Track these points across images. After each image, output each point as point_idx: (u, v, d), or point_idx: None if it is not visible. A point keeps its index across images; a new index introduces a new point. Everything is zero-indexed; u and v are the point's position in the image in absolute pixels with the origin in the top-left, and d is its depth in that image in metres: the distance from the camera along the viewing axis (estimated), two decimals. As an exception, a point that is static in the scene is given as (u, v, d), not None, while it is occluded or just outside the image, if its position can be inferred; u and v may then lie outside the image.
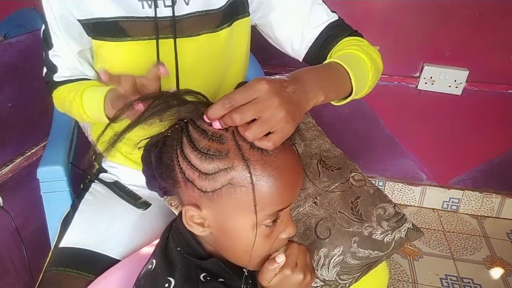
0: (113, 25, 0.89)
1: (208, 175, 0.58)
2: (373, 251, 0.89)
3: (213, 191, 0.59)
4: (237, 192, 0.59)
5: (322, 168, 0.95)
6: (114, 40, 0.91)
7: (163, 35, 0.90)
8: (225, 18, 0.94)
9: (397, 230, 0.90)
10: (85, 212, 1.01)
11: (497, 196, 2.01)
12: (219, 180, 0.58)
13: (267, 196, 0.59)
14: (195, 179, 0.60)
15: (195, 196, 0.61)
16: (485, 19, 1.64)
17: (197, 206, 0.62)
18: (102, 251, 0.94)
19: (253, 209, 0.59)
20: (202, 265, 0.66)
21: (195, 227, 0.63)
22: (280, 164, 0.60)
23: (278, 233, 0.66)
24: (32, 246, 1.36)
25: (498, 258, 1.82)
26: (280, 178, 0.60)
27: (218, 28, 0.94)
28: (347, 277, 0.89)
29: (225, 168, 0.58)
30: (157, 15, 0.89)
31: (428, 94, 1.81)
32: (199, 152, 0.58)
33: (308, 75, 0.69)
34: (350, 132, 1.97)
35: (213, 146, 0.58)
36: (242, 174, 0.58)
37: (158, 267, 0.68)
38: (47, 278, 0.91)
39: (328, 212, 0.91)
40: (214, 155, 0.58)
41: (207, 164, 0.58)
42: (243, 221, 0.61)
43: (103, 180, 1.09)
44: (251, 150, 0.58)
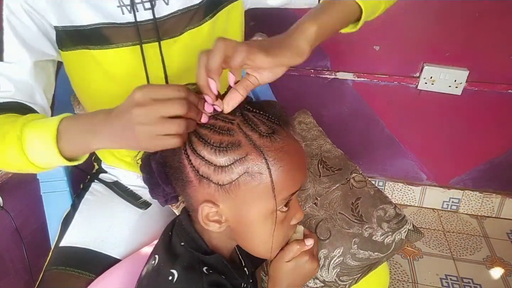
0: (95, 33, 0.86)
1: (224, 167, 0.60)
2: (373, 252, 0.89)
3: (230, 183, 0.61)
4: (254, 180, 0.61)
5: (323, 169, 0.95)
6: (98, 48, 0.87)
7: (147, 39, 0.88)
8: (207, 11, 0.92)
9: (397, 232, 0.90)
10: (85, 212, 1.01)
11: (497, 196, 2.01)
12: (235, 170, 0.60)
13: (281, 180, 0.62)
14: (210, 174, 0.61)
15: (211, 192, 0.62)
16: (485, 19, 1.63)
17: (213, 202, 0.63)
18: (103, 251, 0.94)
19: (270, 194, 0.61)
20: (205, 260, 0.67)
21: (212, 224, 0.64)
22: (289, 149, 0.63)
23: (289, 220, 0.68)
24: (32, 246, 1.36)
25: (498, 258, 1.82)
26: (291, 162, 0.63)
27: (200, 22, 0.92)
28: (347, 278, 0.89)
29: (240, 158, 0.60)
30: (138, 20, 0.86)
31: (428, 94, 1.81)
32: (212, 147, 0.60)
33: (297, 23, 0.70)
34: (350, 132, 1.97)
35: (224, 139, 0.60)
36: (257, 161, 0.60)
37: (161, 261, 0.69)
38: (48, 277, 0.91)
39: (329, 213, 0.91)
40: (227, 147, 0.60)
41: (222, 156, 0.60)
42: (261, 208, 0.63)
43: (103, 180, 1.09)
44: (260, 139, 0.61)
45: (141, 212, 1.03)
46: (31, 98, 0.85)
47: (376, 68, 1.80)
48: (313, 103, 1.90)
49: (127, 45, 0.87)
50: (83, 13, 0.84)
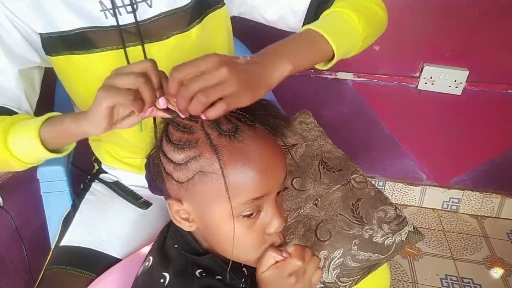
0: (80, 37, 0.85)
1: (181, 165, 0.61)
2: (373, 254, 0.89)
3: (188, 181, 0.61)
4: (208, 179, 0.60)
5: (323, 170, 0.95)
6: (83, 53, 0.86)
7: (131, 43, 0.87)
8: (194, 14, 0.90)
9: (397, 233, 0.90)
10: (85, 212, 1.02)
11: (497, 196, 2.01)
12: (191, 168, 0.60)
13: (238, 183, 0.59)
14: (172, 171, 0.62)
15: (175, 190, 0.64)
16: (485, 19, 1.63)
17: (179, 200, 0.64)
18: (103, 250, 0.94)
19: (223, 195, 0.59)
20: (198, 261, 0.67)
21: (182, 222, 0.65)
22: (250, 149, 0.60)
23: (263, 227, 0.64)
24: (32, 246, 1.36)
25: (498, 258, 1.82)
26: (250, 164, 0.60)
27: (188, 26, 0.90)
28: (347, 279, 0.89)
29: (195, 156, 0.60)
30: (121, 23, 0.85)
31: (428, 94, 1.81)
32: (172, 144, 0.61)
33: (270, 50, 0.70)
34: (350, 132, 1.97)
35: (184, 137, 0.61)
36: (210, 161, 0.59)
37: (154, 263, 0.69)
38: (48, 276, 0.91)
39: (329, 214, 0.91)
40: (184, 145, 0.60)
41: (178, 154, 0.61)
42: (219, 210, 0.61)
43: (104, 180, 1.09)
44: (219, 138, 0.59)
45: (142, 212, 1.03)
46: (18, 105, 0.87)
47: (376, 68, 1.80)
48: (313, 103, 1.90)
49: (112, 48, 0.87)
50: (66, 18, 0.84)
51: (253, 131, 0.61)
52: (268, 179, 0.62)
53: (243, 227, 0.62)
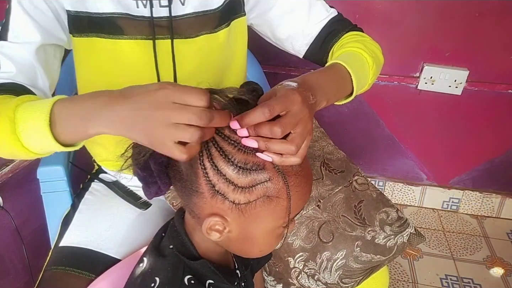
0: (109, 21, 0.85)
1: (245, 188, 0.58)
2: (376, 255, 0.89)
3: (247, 203, 0.59)
4: (272, 203, 0.60)
5: (326, 171, 0.95)
6: (111, 38, 0.86)
7: (160, 36, 0.88)
8: (223, 18, 0.92)
9: (399, 235, 0.90)
10: (85, 212, 1.01)
11: (497, 196, 2.01)
12: (255, 192, 0.58)
13: (295, 203, 0.62)
14: (228, 192, 0.59)
15: (223, 208, 0.60)
16: (485, 19, 1.63)
17: (222, 216, 0.61)
18: (103, 251, 0.93)
19: (281, 215, 0.62)
20: (191, 265, 0.66)
21: (213, 234, 0.63)
22: (305, 173, 0.62)
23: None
24: (32, 246, 1.36)
25: (498, 258, 1.82)
26: (305, 186, 0.63)
27: (216, 28, 0.92)
28: (349, 280, 0.89)
29: (263, 181, 0.58)
30: (154, 15, 0.86)
31: (428, 94, 1.81)
32: (235, 167, 0.57)
33: (315, 81, 0.70)
34: (350, 132, 1.97)
35: (249, 159, 0.57)
36: (278, 186, 0.59)
37: (148, 265, 0.69)
38: (47, 277, 0.91)
39: (331, 215, 0.91)
40: (251, 168, 0.57)
41: (244, 177, 0.58)
42: (268, 226, 0.63)
43: (103, 180, 1.08)
44: None
45: (141, 212, 1.03)
46: (32, 82, 0.82)
47: (376, 68, 1.80)
48: (313, 103, 1.89)
49: (141, 37, 0.87)
50: (98, 0, 0.83)
51: None
52: (310, 194, 0.67)
53: (278, 236, 0.66)
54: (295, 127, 0.57)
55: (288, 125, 0.56)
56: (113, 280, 0.88)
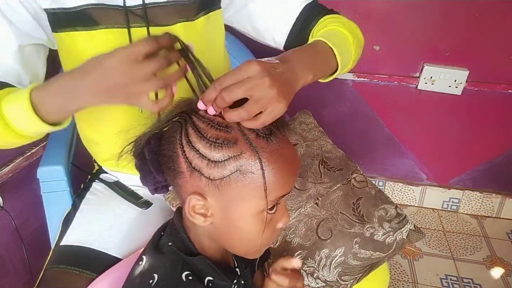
0: (83, 14, 0.85)
1: (218, 162, 0.60)
2: (375, 252, 0.89)
3: (222, 179, 0.60)
4: (246, 179, 0.60)
5: (324, 169, 0.95)
6: (86, 29, 0.86)
7: (135, 24, 0.87)
8: (200, 8, 0.93)
9: (398, 231, 0.90)
10: (86, 211, 1.01)
11: (497, 196, 2.01)
12: (228, 167, 0.60)
13: (272, 182, 0.61)
14: (203, 167, 0.61)
15: (201, 185, 0.62)
16: (485, 19, 1.63)
17: (202, 195, 0.62)
18: (104, 250, 0.94)
19: (259, 195, 0.61)
20: (189, 261, 0.66)
21: (197, 217, 0.64)
22: (283, 152, 0.62)
23: (275, 222, 0.68)
24: (32, 246, 1.36)
25: (498, 258, 1.82)
26: (284, 165, 0.62)
27: (195, 17, 0.92)
28: (348, 278, 0.89)
29: (234, 156, 0.59)
30: (127, 4, 0.86)
31: (428, 94, 1.81)
32: (207, 141, 0.60)
33: (295, 55, 0.71)
34: (350, 132, 1.97)
35: (221, 135, 0.60)
36: (251, 161, 0.60)
37: (146, 263, 0.69)
38: (48, 276, 0.91)
39: (330, 213, 0.91)
40: (223, 143, 0.60)
41: (216, 152, 0.60)
42: (248, 208, 0.63)
43: (104, 180, 1.08)
44: (257, 139, 0.61)
45: (142, 212, 1.03)
46: (15, 79, 0.85)
47: (376, 68, 1.80)
48: (313, 103, 1.89)
49: (116, 27, 0.87)
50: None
51: (281, 135, 0.64)
52: (293, 178, 0.66)
53: (263, 222, 0.65)
54: (249, 93, 0.59)
55: (236, 89, 0.59)
56: (113, 279, 0.88)
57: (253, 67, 0.60)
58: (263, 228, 0.65)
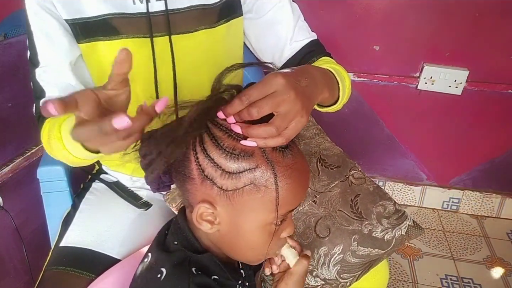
0: (104, 23, 0.85)
1: (232, 174, 0.59)
2: (374, 249, 0.89)
3: (235, 190, 0.60)
4: (259, 192, 0.60)
5: (322, 167, 0.95)
6: (107, 39, 0.86)
7: (157, 33, 0.87)
8: (222, 14, 0.92)
9: (397, 228, 0.90)
10: (85, 212, 1.01)
11: (497, 196, 2.01)
12: (243, 179, 0.59)
13: (285, 196, 0.61)
14: (216, 177, 0.60)
15: (212, 194, 0.61)
16: (485, 19, 1.64)
17: (211, 203, 0.62)
18: (103, 251, 0.93)
19: (270, 208, 0.61)
20: (196, 259, 0.66)
21: (204, 224, 0.63)
22: (298, 167, 0.62)
23: (280, 232, 0.67)
24: (32, 246, 1.36)
25: (498, 258, 1.82)
26: (297, 180, 0.62)
27: (216, 23, 0.92)
28: (347, 275, 0.89)
29: (250, 168, 0.59)
30: (150, 10, 0.85)
31: (428, 94, 1.81)
32: (223, 151, 0.59)
33: (315, 70, 0.71)
34: (350, 132, 1.97)
35: (238, 146, 0.59)
36: (266, 175, 0.59)
37: (153, 260, 0.69)
38: (48, 277, 0.91)
39: (328, 210, 0.91)
40: (239, 154, 0.59)
41: (232, 163, 0.59)
42: (257, 219, 0.63)
43: (104, 180, 1.08)
44: (273, 152, 0.60)
45: (142, 212, 1.03)
46: None
47: (376, 68, 1.80)
48: (313, 103, 1.90)
49: (137, 36, 0.87)
50: (91, 4, 0.84)
51: (297, 148, 0.64)
52: (305, 192, 0.67)
53: (270, 234, 0.65)
54: (276, 108, 0.57)
55: (265, 105, 0.56)
56: (113, 280, 0.88)
57: (278, 80, 0.58)
58: (269, 240, 0.65)
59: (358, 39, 1.75)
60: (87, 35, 0.86)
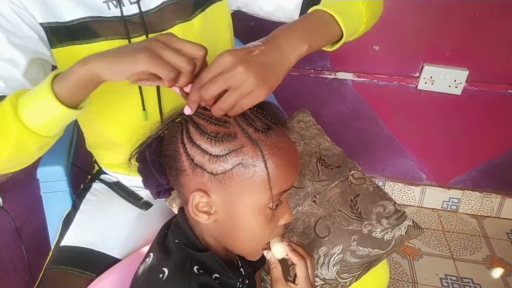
0: (82, 26, 0.83)
1: (219, 157, 0.61)
2: (373, 249, 0.89)
3: (224, 173, 0.61)
4: (248, 172, 0.61)
5: (322, 167, 0.95)
6: (86, 43, 0.84)
7: (135, 34, 0.87)
8: (197, 4, 0.91)
9: (397, 228, 0.90)
10: (86, 212, 1.01)
11: (497, 196, 2.01)
12: (230, 161, 0.61)
13: (274, 175, 0.62)
14: (205, 162, 0.62)
15: (204, 181, 0.63)
16: (485, 19, 1.63)
17: (205, 191, 0.63)
18: (103, 250, 0.94)
19: (262, 188, 0.62)
20: (198, 257, 0.67)
21: (201, 215, 0.64)
22: (283, 145, 0.63)
23: (278, 220, 0.68)
24: (32, 246, 1.36)
25: (498, 258, 1.82)
26: (285, 158, 0.63)
27: (191, 16, 0.91)
28: (347, 275, 0.89)
29: (236, 149, 0.61)
30: (125, 14, 0.85)
31: (428, 94, 1.81)
32: (208, 136, 0.61)
33: (283, 31, 0.70)
34: (350, 132, 1.97)
35: (220, 130, 0.61)
36: (252, 154, 0.61)
37: (154, 259, 0.69)
38: (48, 276, 0.91)
39: (328, 210, 0.91)
40: (223, 137, 0.61)
41: (217, 146, 0.61)
42: (251, 201, 0.63)
43: (104, 180, 1.09)
44: (256, 133, 0.62)
45: (142, 212, 1.03)
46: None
47: (376, 68, 1.80)
48: (313, 103, 1.90)
49: (116, 38, 0.86)
50: (67, 8, 0.82)
51: (280, 130, 0.65)
52: (295, 172, 0.67)
53: (267, 219, 0.65)
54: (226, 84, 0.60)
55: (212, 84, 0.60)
56: (113, 279, 0.88)
57: (225, 58, 0.60)
58: (267, 225, 0.66)
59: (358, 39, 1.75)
60: (64, 39, 0.84)
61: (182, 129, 0.64)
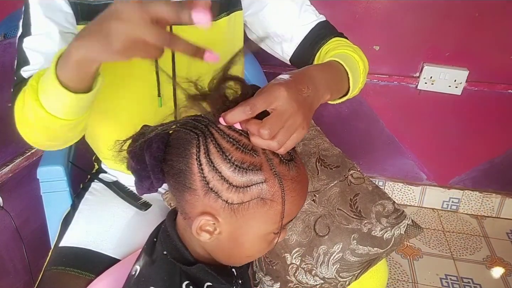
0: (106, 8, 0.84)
1: (240, 188, 0.57)
2: (373, 247, 0.89)
3: (240, 204, 0.58)
4: (265, 206, 0.59)
5: (321, 167, 0.95)
6: None
7: None
8: (223, 7, 0.93)
9: (396, 227, 0.90)
10: (85, 212, 1.01)
11: (497, 196, 2.01)
12: (250, 193, 0.57)
13: (289, 208, 0.60)
14: (222, 190, 0.57)
15: (215, 207, 0.59)
16: (485, 19, 1.64)
17: (213, 215, 0.60)
18: (102, 251, 0.93)
19: (274, 220, 0.60)
20: (187, 271, 0.65)
21: (203, 234, 0.62)
22: (301, 179, 0.62)
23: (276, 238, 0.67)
24: (32, 246, 1.36)
25: (498, 258, 1.82)
26: (301, 192, 0.62)
27: (217, 17, 0.92)
28: (347, 274, 0.89)
29: (258, 182, 0.57)
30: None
31: (428, 94, 1.81)
32: (232, 165, 0.56)
33: (317, 73, 0.69)
34: (350, 132, 1.97)
35: (247, 159, 0.57)
36: (273, 190, 0.58)
37: (141, 274, 0.67)
38: (47, 277, 0.91)
39: (327, 209, 0.91)
40: (248, 168, 0.57)
41: (240, 177, 0.57)
42: (258, 231, 0.62)
43: (103, 180, 1.09)
44: (280, 165, 0.59)
45: (141, 213, 1.03)
46: None
47: (376, 68, 1.80)
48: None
49: None
50: None
51: (299, 159, 0.63)
52: (304, 201, 0.66)
53: (268, 242, 0.65)
54: (284, 124, 0.56)
55: (275, 125, 0.55)
56: (112, 280, 0.88)
57: (281, 93, 0.57)
58: (267, 248, 0.66)
59: (358, 39, 1.74)
60: (88, 17, 0.84)
61: (200, 144, 0.58)
